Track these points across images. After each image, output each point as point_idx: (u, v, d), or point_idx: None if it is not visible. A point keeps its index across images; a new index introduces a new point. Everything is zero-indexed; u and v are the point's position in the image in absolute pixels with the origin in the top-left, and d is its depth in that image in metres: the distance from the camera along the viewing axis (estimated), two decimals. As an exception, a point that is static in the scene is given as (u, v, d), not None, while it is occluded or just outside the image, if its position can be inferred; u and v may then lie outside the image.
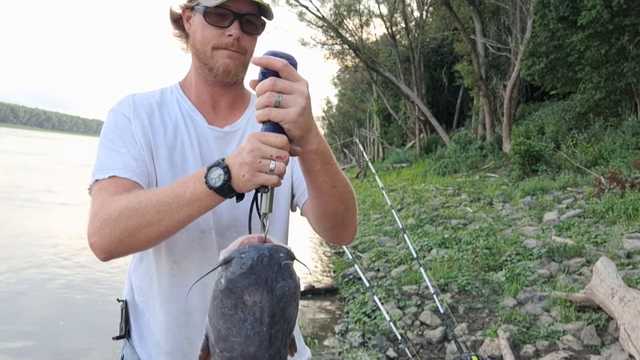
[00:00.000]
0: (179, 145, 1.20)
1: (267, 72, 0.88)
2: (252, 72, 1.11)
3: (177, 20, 1.24)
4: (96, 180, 1.10)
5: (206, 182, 0.91)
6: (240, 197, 0.94)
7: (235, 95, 1.27)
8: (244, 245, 0.82)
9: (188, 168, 1.18)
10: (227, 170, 0.90)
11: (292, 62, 0.89)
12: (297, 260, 0.83)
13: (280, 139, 0.86)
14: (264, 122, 0.88)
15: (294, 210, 1.33)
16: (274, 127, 0.87)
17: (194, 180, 0.94)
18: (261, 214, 0.89)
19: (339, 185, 1.06)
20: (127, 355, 1.27)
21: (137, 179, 1.10)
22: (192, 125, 1.23)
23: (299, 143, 0.91)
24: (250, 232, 0.93)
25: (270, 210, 0.89)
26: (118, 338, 1.28)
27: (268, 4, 1.15)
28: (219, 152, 1.22)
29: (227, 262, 0.80)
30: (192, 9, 1.18)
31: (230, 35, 1.13)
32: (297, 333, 1.36)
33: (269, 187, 0.88)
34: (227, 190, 0.91)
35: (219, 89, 1.23)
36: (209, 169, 0.92)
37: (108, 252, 1.01)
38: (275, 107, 0.86)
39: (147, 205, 0.97)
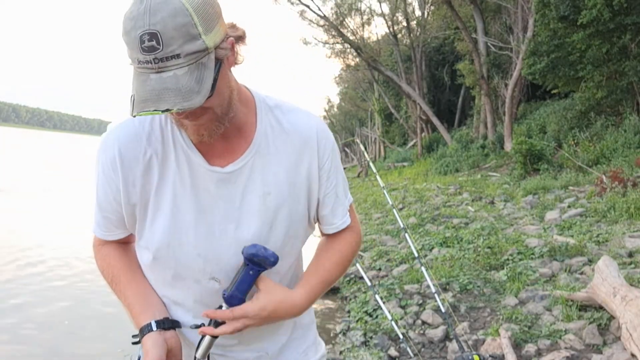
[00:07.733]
0: (170, 190, 1.09)
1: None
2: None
3: None
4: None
5: (133, 336, 1.12)
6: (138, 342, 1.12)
7: (230, 130, 1.08)
8: None
9: (184, 217, 1.10)
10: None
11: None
12: None
13: None
14: None
15: (313, 228, 1.28)
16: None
17: (135, 316, 1.14)
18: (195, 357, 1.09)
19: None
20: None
21: (113, 238, 1.23)
22: (187, 167, 1.09)
23: None
24: None
25: (204, 357, 1.08)
26: (135, 343, 1.30)
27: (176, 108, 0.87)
28: (218, 197, 1.09)
29: None
30: None
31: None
32: (313, 327, 1.36)
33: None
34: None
35: None
36: (139, 337, 1.11)
37: None
38: None
39: (115, 286, 1.20)
